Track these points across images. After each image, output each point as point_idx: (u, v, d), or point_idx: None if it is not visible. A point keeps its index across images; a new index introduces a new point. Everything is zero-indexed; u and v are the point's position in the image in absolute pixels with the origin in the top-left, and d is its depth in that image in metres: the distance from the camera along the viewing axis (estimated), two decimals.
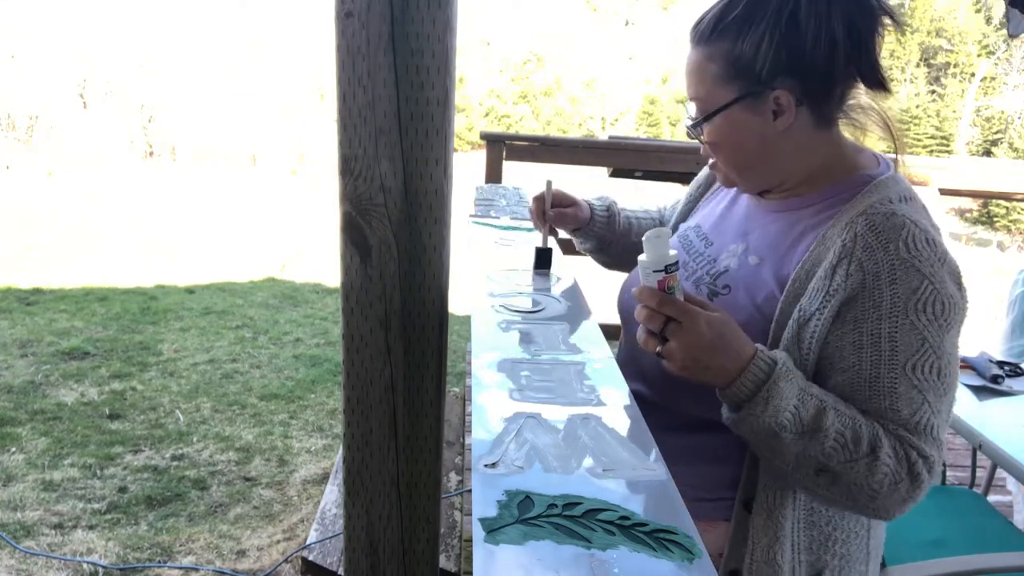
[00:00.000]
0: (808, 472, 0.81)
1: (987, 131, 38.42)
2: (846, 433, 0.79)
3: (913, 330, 0.80)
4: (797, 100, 0.89)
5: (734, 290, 0.95)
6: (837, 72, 0.88)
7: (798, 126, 0.91)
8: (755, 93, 0.88)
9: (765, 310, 0.91)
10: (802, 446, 0.80)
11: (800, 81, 0.88)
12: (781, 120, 0.90)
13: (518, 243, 1.47)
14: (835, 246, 0.85)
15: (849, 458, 0.79)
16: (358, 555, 1.02)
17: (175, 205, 13.95)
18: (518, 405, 0.81)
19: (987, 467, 2.24)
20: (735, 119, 0.91)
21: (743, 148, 0.93)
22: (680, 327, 0.80)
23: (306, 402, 4.47)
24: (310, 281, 8.60)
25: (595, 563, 0.57)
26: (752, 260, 0.95)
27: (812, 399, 0.80)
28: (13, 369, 4.68)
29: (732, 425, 0.84)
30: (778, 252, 0.93)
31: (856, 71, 0.89)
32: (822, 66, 0.86)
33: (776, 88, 0.88)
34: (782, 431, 0.79)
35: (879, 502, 0.81)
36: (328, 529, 2.32)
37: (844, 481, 0.80)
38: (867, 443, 0.79)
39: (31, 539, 2.75)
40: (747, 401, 0.80)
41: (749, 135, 0.92)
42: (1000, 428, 1.65)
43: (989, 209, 31.32)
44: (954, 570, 1.52)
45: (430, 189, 0.90)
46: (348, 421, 0.96)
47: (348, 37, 0.83)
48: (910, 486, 0.81)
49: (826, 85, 0.89)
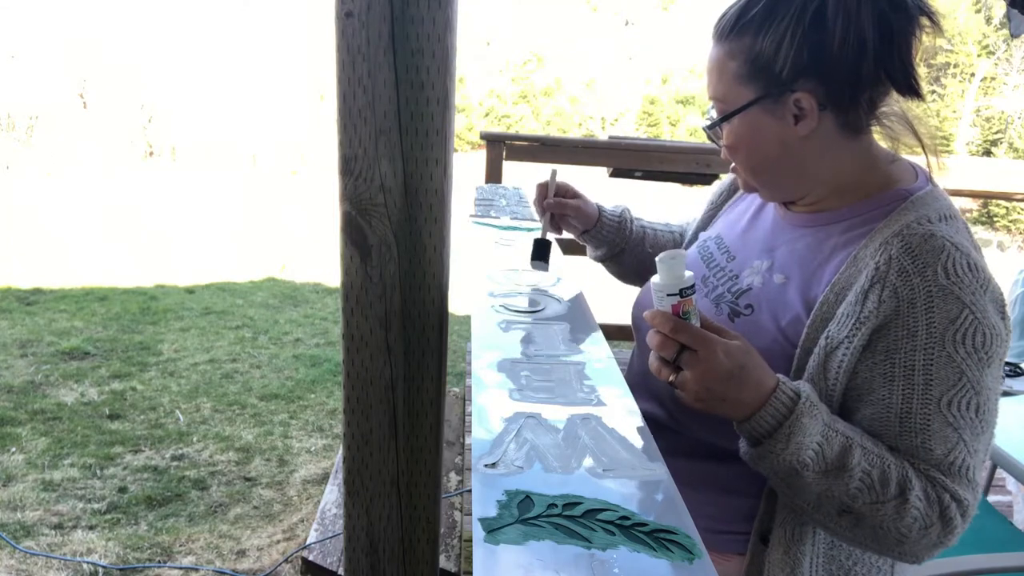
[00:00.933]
0: (831, 512, 0.76)
1: (987, 131, 38.43)
2: (873, 473, 0.74)
3: (951, 363, 0.74)
4: (820, 104, 0.83)
5: (757, 311, 0.89)
6: (865, 76, 0.81)
7: (821, 132, 0.84)
8: (775, 94, 0.83)
9: (790, 334, 0.85)
10: (825, 485, 0.74)
11: (823, 83, 0.81)
12: (802, 124, 0.84)
13: (518, 243, 1.47)
14: (868, 268, 0.78)
15: (876, 499, 0.74)
16: (358, 555, 1.02)
17: (175, 205, 13.96)
18: (518, 405, 0.81)
19: (987, 467, 2.24)
20: (753, 121, 0.85)
21: (761, 153, 0.87)
22: (696, 356, 0.74)
23: (306, 402, 4.47)
24: (310, 281, 8.61)
25: (595, 563, 0.57)
26: (778, 279, 0.89)
27: (837, 436, 0.75)
28: (13, 369, 4.68)
29: (750, 461, 0.79)
30: (806, 271, 0.87)
31: (886, 75, 0.82)
32: (848, 68, 0.80)
33: (797, 90, 0.82)
34: (804, 469, 0.74)
35: (907, 547, 0.76)
36: (328, 529, 2.32)
37: (870, 523, 0.75)
38: (896, 484, 0.74)
39: (31, 539, 2.75)
40: (767, 437, 0.75)
41: (768, 139, 0.86)
42: (1000, 428, 1.65)
43: (989, 209, 31.33)
44: (954, 570, 1.52)
45: (430, 189, 0.90)
46: (348, 421, 0.96)
47: (348, 37, 0.83)
48: (942, 531, 0.76)
49: (852, 89, 0.82)
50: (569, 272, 1.29)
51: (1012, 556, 1.58)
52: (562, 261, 1.35)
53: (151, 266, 8.83)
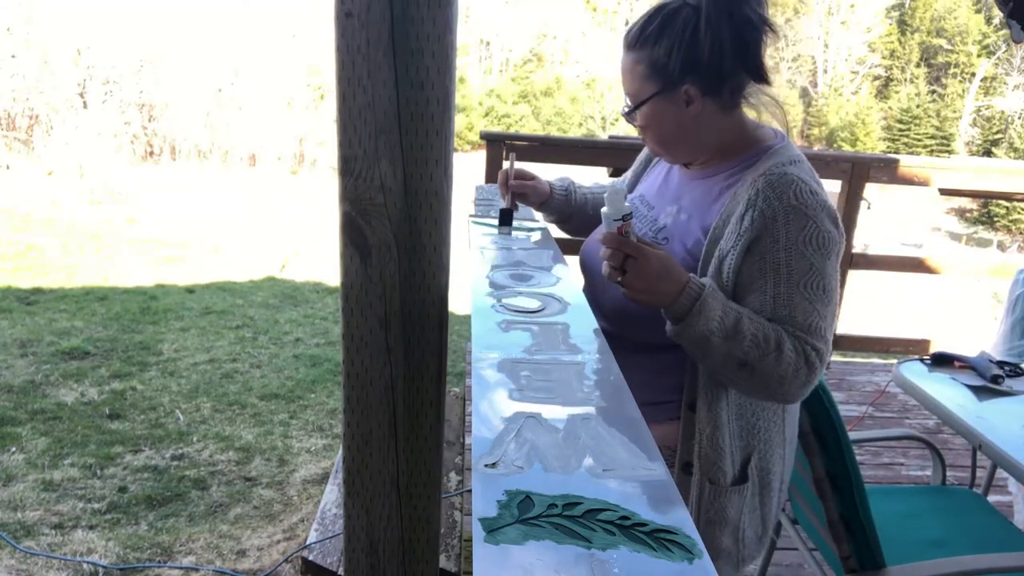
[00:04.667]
0: (733, 367, 1.05)
1: (987, 131, 38.40)
2: (759, 335, 1.03)
3: (803, 258, 1.05)
4: (702, 92, 1.13)
5: (671, 240, 1.21)
6: (728, 70, 1.12)
7: (707, 112, 1.15)
8: (670, 88, 1.14)
9: (694, 253, 1.17)
10: (727, 347, 1.03)
11: (701, 78, 1.12)
12: (692, 108, 1.15)
13: (518, 243, 1.47)
14: (743, 200, 1.10)
15: (762, 353, 1.03)
16: (358, 555, 1.02)
17: (175, 205, 13.96)
18: (518, 405, 0.81)
19: (987, 467, 2.24)
20: (657, 108, 1.16)
21: (664, 130, 1.19)
22: (636, 261, 1.03)
23: (306, 402, 4.47)
24: (310, 281, 8.61)
25: (595, 563, 0.57)
26: (683, 217, 1.22)
27: (732, 311, 1.05)
28: (13, 369, 4.68)
29: (674, 336, 1.07)
30: (702, 209, 1.19)
31: (743, 69, 1.13)
32: (716, 66, 1.11)
33: (685, 84, 1.13)
34: (712, 336, 1.03)
35: (786, 387, 1.05)
36: (328, 529, 2.32)
37: (760, 372, 1.04)
38: (774, 341, 1.04)
39: (31, 539, 2.75)
40: (685, 315, 1.03)
41: (669, 120, 1.17)
42: (1000, 428, 1.65)
43: (989, 209, 31.32)
44: (954, 570, 1.52)
45: (430, 189, 0.90)
46: (348, 421, 0.96)
47: (348, 37, 0.83)
48: (807, 372, 1.05)
49: (721, 80, 1.13)
50: (569, 272, 1.29)
51: (1012, 556, 1.58)
52: (563, 262, 1.36)
53: (151, 266, 8.84)
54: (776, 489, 1.23)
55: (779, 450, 1.21)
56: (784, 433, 1.22)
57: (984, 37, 41.69)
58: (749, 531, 1.22)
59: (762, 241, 1.06)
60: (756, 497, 1.20)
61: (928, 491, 2.00)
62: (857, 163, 3.61)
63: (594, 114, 38.70)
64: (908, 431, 2.15)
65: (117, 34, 19.71)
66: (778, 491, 1.24)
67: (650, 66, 1.14)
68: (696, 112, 1.15)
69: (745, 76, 1.15)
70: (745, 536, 1.22)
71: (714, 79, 1.12)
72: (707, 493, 1.17)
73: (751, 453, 1.18)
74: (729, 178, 1.18)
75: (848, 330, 4.03)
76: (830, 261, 1.07)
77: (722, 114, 1.17)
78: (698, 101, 1.14)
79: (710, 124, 1.17)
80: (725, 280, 1.09)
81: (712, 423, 1.14)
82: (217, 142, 22.10)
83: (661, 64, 1.13)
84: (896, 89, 42.55)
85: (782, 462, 1.23)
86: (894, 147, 37.07)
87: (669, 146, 1.22)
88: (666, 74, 1.13)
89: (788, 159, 1.13)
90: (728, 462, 1.16)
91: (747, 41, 1.11)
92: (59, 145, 17.40)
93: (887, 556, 1.52)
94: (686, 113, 1.15)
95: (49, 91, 18.64)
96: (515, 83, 42.57)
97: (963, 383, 1.90)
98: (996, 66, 40.09)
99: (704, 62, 1.10)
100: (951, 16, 43.15)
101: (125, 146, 19.65)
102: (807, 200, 1.06)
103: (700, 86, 1.13)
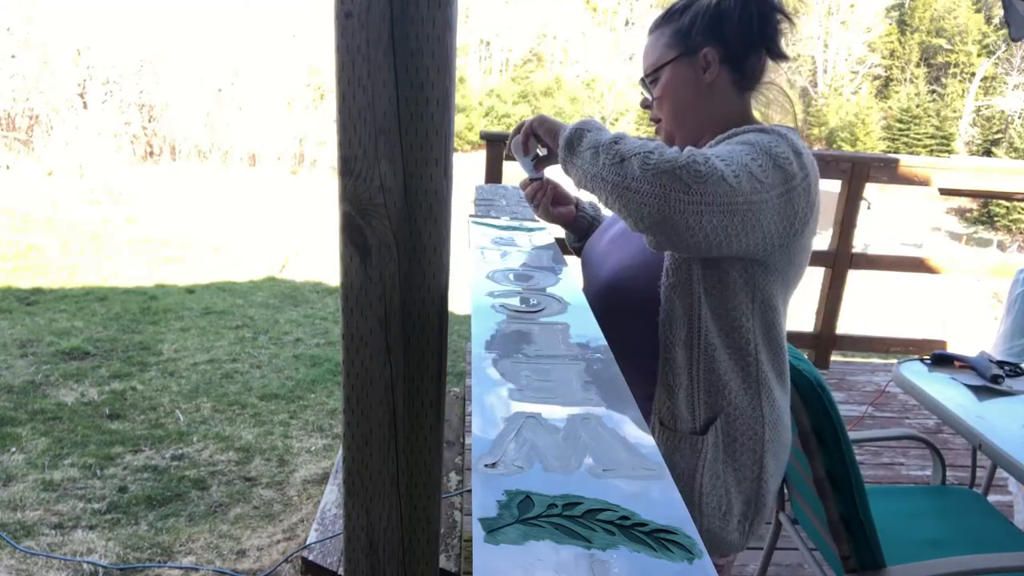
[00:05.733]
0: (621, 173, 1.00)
1: (987, 131, 38.40)
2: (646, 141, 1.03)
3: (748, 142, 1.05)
4: (720, 58, 1.17)
5: None
6: (750, 41, 1.17)
7: (721, 82, 1.19)
8: (691, 51, 1.18)
9: None
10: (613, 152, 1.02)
11: (722, 44, 1.17)
12: (708, 73, 1.18)
13: (518, 243, 1.47)
14: None
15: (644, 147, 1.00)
16: (358, 555, 1.02)
17: (175, 205, 13.96)
18: (518, 405, 0.81)
19: (987, 467, 2.24)
20: (675, 73, 1.20)
21: (680, 97, 1.21)
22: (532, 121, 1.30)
23: (306, 402, 4.47)
24: (310, 281, 8.61)
25: (595, 563, 0.57)
26: None
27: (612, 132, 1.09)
28: (13, 369, 4.68)
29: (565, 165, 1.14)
30: None
31: (762, 44, 1.18)
32: (739, 35, 1.16)
33: (706, 48, 1.17)
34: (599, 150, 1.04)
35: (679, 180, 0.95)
36: (328, 529, 2.32)
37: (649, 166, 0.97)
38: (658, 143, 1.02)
39: (31, 539, 2.75)
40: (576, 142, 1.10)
41: (685, 84, 1.20)
42: (1000, 428, 1.65)
43: (989, 209, 31.31)
44: (954, 570, 1.52)
45: (430, 189, 0.90)
46: (348, 421, 0.96)
47: (348, 37, 0.83)
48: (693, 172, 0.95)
49: (743, 50, 1.17)
50: (569, 272, 1.29)
51: (1012, 556, 1.58)
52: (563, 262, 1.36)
53: (151, 266, 8.84)
54: (751, 469, 1.18)
55: (755, 425, 1.17)
56: (762, 410, 1.17)
57: (984, 37, 41.69)
58: (710, 498, 1.17)
59: None
60: (719, 463, 1.16)
61: (928, 491, 2.00)
62: (857, 163, 3.61)
63: (594, 114, 38.69)
64: (908, 431, 2.15)
65: (117, 34, 19.71)
66: (755, 474, 1.18)
67: (673, 35, 1.19)
68: (712, 79, 1.18)
69: (764, 54, 1.19)
70: (704, 502, 1.16)
71: (734, 47, 1.17)
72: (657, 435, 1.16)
73: (718, 413, 1.16)
74: None
75: (848, 330, 4.04)
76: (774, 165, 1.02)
77: (735, 92, 1.20)
78: (715, 66, 1.17)
79: (722, 99, 1.20)
80: None
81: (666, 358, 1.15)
82: (217, 142, 22.11)
83: (684, 31, 1.18)
84: (896, 89, 42.56)
85: (760, 441, 1.18)
86: (894, 147, 37.05)
87: (681, 119, 1.23)
88: (688, 39, 1.18)
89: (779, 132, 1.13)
90: (684, 408, 1.15)
91: (768, 19, 1.16)
92: (59, 145, 17.39)
93: (887, 556, 1.52)
94: (702, 79, 1.18)
95: (49, 91, 18.64)
96: (515, 83, 42.57)
97: (963, 383, 1.90)
98: (996, 66, 40.09)
99: (727, 29, 1.15)
100: (951, 16, 43.16)
101: (125, 146, 19.65)
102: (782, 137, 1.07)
103: (720, 52, 1.17)
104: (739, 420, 1.17)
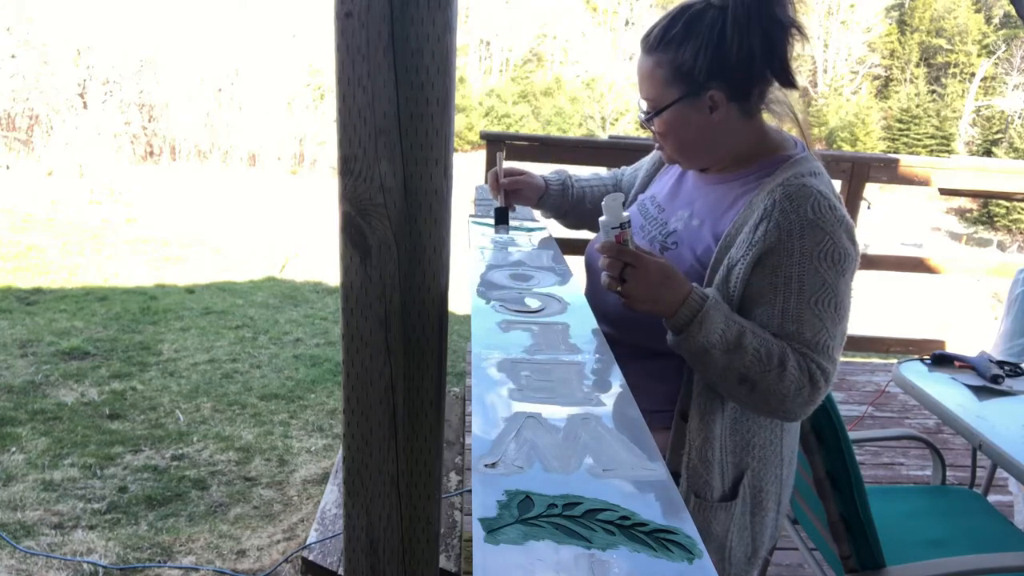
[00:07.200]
0: (733, 382, 1.02)
1: (987, 131, 38.39)
2: (761, 350, 1.00)
3: (816, 274, 1.02)
4: (728, 97, 1.09)
5: (680, 245, 1.18)
6: (756, 74, 1.08)
7: (730, 118, 1.12)
8: (695, 93, 1.09)
9: (703, 260, 1.13)
10: (728, 360, 1.00)
11: (727, 82, 1.08)
12: (716, 114, 1.11)
13: (518, 243, 1.47)
14: (759, 209, 1.06)
15: (764, 369, 1.00)
16: (358, 555, 1.02)
17: (175, 205, 13.96)
18: (518, 405, 0.81)
19: (987, 467, 2.24)
20: (679, 114, 1.12)
21: (685, 137, 1.15)
22: (635, 270, 1.01)
23: (306, 402, 4.47)
24: (310, 281, 8.61)
25: (595, 563, 0.57)
26: (695, 223, 1.18)
27: (735, 324, 1.01)
28: (13, 369, 4.68)
29: (674, 346, 1.05)
30: (715, 215, 1.15)
31: (771, 73, 1.09)
32: (744, 70, 1.07)
33: (711, 89, 1.09)
34: (712, 349, 1.00)
35: (787, 404, 1.03)
36: (328, 529, 2.32)
37: (761, 388, 1.01)
38: (777, 358, 1.00)
39: (31, 539, 2.75)
40: (686, 326, 1.01)
41: (691, 126, 1.13)
42: (1000, 428, 1.65)
43: (989, 209, 31.31)
44: (954, 570, 1.52)
45: (430, 189, 0.90)
46: (348, 421, 0.96)
47: (348, 37, 0.83)
48: (811, 391, 1.02)
49: (748, 84, 1.09)
50: (569, 272, 1.29)
51: (1012, 556, 1.58)
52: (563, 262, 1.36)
53: (151, 266, 8.83)
54: (771, 510, 1.19)
55: (776, 470, 1.17)
56: (782, 452, 1.18)
57: (984, 37, 41.67)
58: (737, 550, 1.18)
59: (775, 253, 1.02)
60: (746, 516, 1.16)
61: (928, 491, 2.00)
62: (857, 163, 3.61)
63: (594, 114, 38.67)
64: (908, 431, 2.15)
65: (117, 34, 19.71)
66: (774, 512, 1.20)
67: (674, 70, 1.09)
68: (720, 118, 1.11)
69: (772, 80, 1.11)
70: (732, 555, 1.18)
71: (741, 84, 1.09)
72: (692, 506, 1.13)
73: (744, 470, 1.14)
74: (745, 185, 1.14)
75: (848, 330, 4.03)
76: (844, 278, 1.03)
77: (744, 119, 1.13)
78: (723, 107, 1.10)
79: (732, 130, 1.13)
80: (732, 290, 1.06)
81: (703, 435, 1.10)
82: (217, 142, 22.12)
83: (686, 68, 1.08)
84: (896, 89, 42.54)
85: (779, 482, 1.18)
86: (894, 147, 37.03)
87: (687, 153, 1.18)
88: (691, 79, 1.08)
89: (808, 170, 1.09)
90: (717, 477, 1.12)
91: (775, 43, 1.07)
92: (59, 145, 17.40)
93: (887, 556, 1.52)
94: (709, 119, 1.11)
95: (49, 91, 18.64)
96: (515, 83, 42.55)
97: (963, 383, 1.90)
98: (996, 66, 40.07)
99: (731, 66, 1.06)
100: (951, 16, 43.14)
101: (125, 146, 19.65)
102: (825, 214, 1.02)
103: (726, 91, 1.09)
104: (763, 470, 1.16)
